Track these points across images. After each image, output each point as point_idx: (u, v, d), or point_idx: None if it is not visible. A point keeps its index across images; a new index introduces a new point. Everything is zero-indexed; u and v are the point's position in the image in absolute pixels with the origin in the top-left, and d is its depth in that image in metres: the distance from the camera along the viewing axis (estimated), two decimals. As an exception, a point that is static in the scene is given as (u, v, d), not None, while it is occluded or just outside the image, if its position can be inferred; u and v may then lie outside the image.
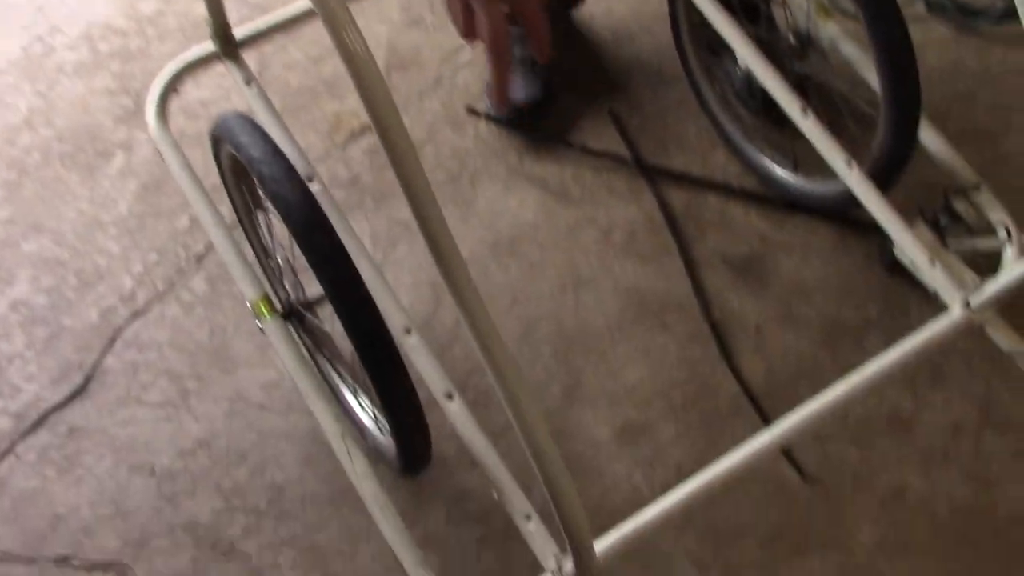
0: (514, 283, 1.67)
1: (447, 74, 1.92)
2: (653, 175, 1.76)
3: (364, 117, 1.84)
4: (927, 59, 1.78)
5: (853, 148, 1.44)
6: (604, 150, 1.79)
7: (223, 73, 1.48)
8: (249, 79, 1.46)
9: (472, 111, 1.85)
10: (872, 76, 1.43)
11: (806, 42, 1.56)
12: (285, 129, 1.42)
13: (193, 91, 1.89)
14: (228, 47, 1.45)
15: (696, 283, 1.65)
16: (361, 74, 0.77)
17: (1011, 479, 1.45)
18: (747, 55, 1.49)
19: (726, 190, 1.74)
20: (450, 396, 1.29)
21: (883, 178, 1.49)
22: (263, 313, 1.30)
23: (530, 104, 1.80)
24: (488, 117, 1.84)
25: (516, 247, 1.71)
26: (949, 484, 1.45)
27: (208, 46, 1.44)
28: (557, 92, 1.84)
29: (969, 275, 1.39)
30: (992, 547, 1.42)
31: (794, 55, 1.57)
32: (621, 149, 1.79)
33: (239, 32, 1.46)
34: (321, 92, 1.92)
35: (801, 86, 1.56)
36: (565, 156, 1.80)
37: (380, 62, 1.89)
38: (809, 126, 1.45)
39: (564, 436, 1.52)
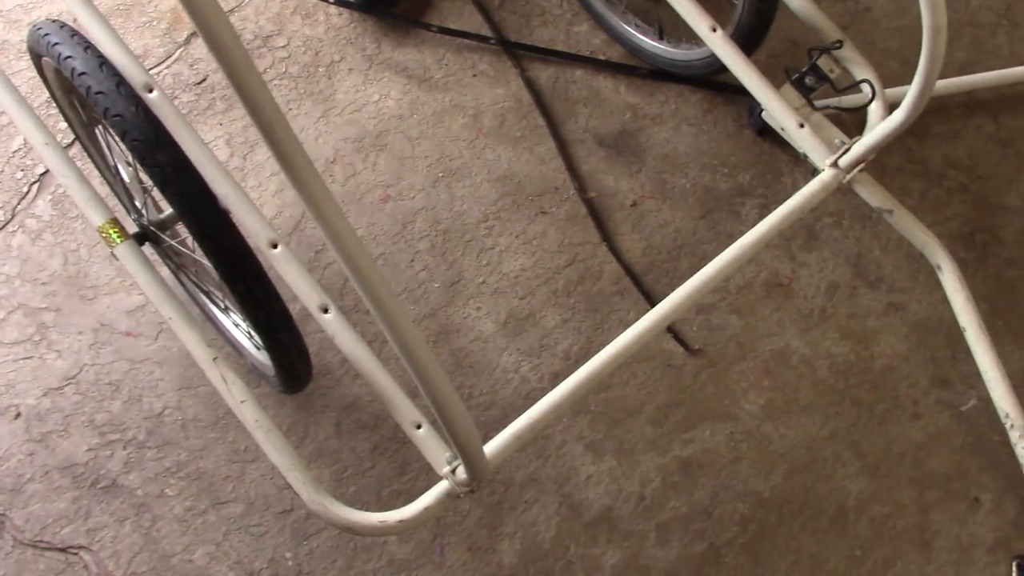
0: (383, 179, 1.60)
1: (291, -42, 1.80)
2: (517, 53, 1.70)
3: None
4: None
5: (718, 12, 1.40)
6: (464, 30, 1.71)
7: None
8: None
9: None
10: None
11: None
12: (113, 33, 1.30)
13: (10, -5, 1.73)
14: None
15: (569, 164, 1.61)
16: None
17: (885, 331, 1.48)
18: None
19: (593, 63, 1.69)
20: (325, 309, 1.23)
21: (748, 40, 1.46)
22: (113, 238, 1.21)
23: (382, -14, 1.70)
24: (338, 2, 1.73)
25: (382, 140, 1.64)
26: (828, 343, 1.47)
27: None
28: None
29: (837, 135, 1.38)
30: (871, 399, 1.46)
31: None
32: (482, 27, 1.72)
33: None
34: None
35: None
36: (425, 39, 1.71)
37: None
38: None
39: (449, 333, 1.49)
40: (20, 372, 1.47)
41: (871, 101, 1.38)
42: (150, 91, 1.24)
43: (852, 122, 1.38)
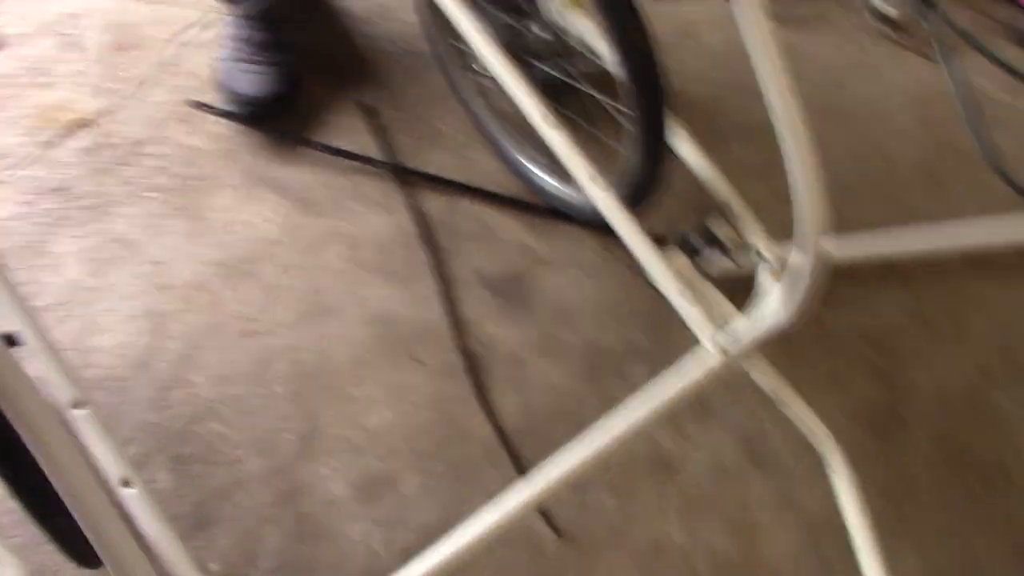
0: (248, 310, 1.47)
1: (173, 57, 1.68)
2: (406, 178, 1.58)
3: (79, 110, 1.59)
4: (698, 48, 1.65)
5: (609, 159, 1.29)
6: (350, 150, 1.59)
7: None
8: None
9: (199, 105, 1.61)
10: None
11: (558, 37, 1.38)
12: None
13: None
14: None
15: (451, 307, 1.48)
16: None
17: (775, 526, 1.36)
18: (484, 52, 1.31)
19: (486, 196, 1.57)
20: (127, 483, 1.09)
21: (635, 194, 1.35)
22: None
23: (264, 99, 1.58)
24: (218, 112, 1.60)
25: (252, 267, 1.50)
26: (711, 535, 1.34)
27: None
28: (301, 82, 1.62)
29: (725, 308, 1.27)
30: (753, 600, 1.33)
31: (547, 52, 1.40)
32: (371, 148, 1.60)
33: None
34: (23, 81, 1.64)
35: (554, 86, 1.39)
36: (308, 157, 1.59)
37: (99, 40, 1.63)
38: (551, 133, 1.29)
39: (297, 494, 1.35)
40: None
41: (761, 269, 1.27)
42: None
43: (749, 287, 1.26)
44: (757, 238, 1.30)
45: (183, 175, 1.57)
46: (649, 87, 1.21)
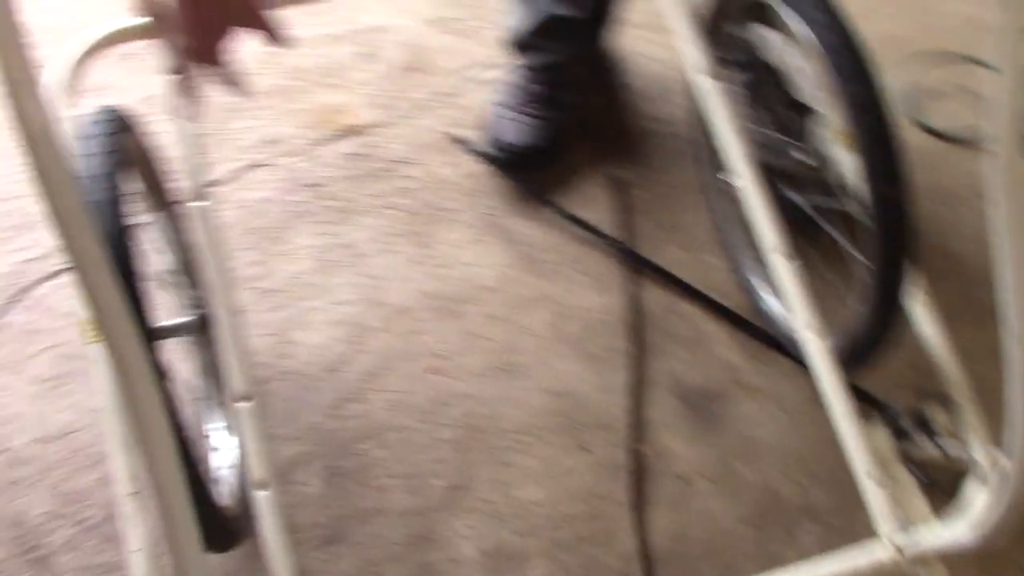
0: (441, 348, 1.48)
1: (453, 88, 1.73)
2: (633, 263, 1.54)
3: (354, 117, 1.67)
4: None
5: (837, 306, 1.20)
6: (588, 221, 1.57)
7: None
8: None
9: (458, 140, 1.65)
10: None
11: (816, 167, 1.30)
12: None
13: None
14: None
15: (636, 406, 1.43)
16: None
17: None
18: (735, 160, 1.25)
19: (708, 303, 1.50)
20: (264, 486, 1.12)
21: (854, 351, 1.24)
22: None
23: (523, 149, 1.59)
24: (475, 152, 1.63)
25: (459, 307, 1.52)
26: None
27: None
28: (563, 143, 1.62)
29: (916, 502, 1.14)
30: None
31: (801, 179, 1.33)
32: (608, 224, 1.57)
33: None
34: (322, 79, 1.75)
35: (797, 216, 1.32)
36: (545, 216, 1.59)
37: (393, 58, 1.71)
38: (780, 263, 1.22)
39: (427, 541, 1.34)
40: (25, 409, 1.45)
41: (976, 480, 1.13)
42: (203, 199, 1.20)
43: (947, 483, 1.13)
44: (974, 435, 1.16)
45: (426, 201, 1.61)
46: (893, 239, 1.11)
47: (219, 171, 1.64)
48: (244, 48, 1.04)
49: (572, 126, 1.65)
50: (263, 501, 1.11)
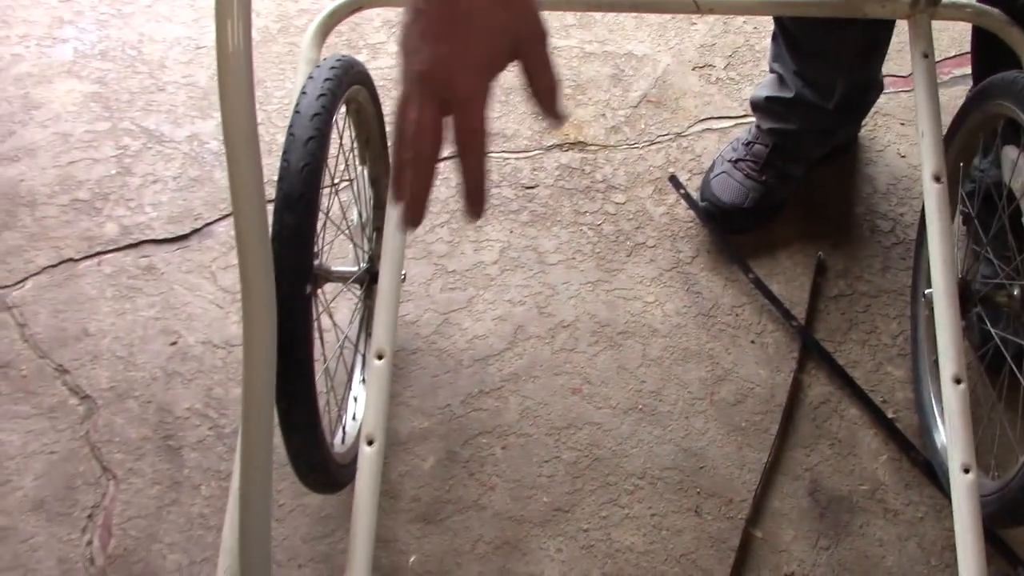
0: (590, 373, 1.48)
1: (691, 133, 1.72)
2: (809, 350, 1.48)
3: (584, 135, 1.70)
4: None
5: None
6: (776, 295, 1.52)
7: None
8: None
9: (675, 182, 1.64)
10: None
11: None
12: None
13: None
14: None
15: (762, 490, 1.37)
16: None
17: None
18: (936, 273, 1.18)
19: (875, 412, 1.42)
20: (370, 441, 1.15)
21: (1012, 508, 1.14)
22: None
23: (730, 207, 1.57)
24: (686, 197, 1.62)
25: (621, 340, 1.51)
26: None
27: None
28: (776, 214, 1.58)
29: None
30: None
31: (1006, 314, 1.23)
32: (798, 306, 1.52)
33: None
34: (567, 91, 1.79)
35: (995, 351, 1.22)
36: (736, 279, 1.55)
37: (641, 88, 1.73)
38: (952, 391, 1.13)
39: (515, 551, 1.34)
40: (208, 312, 1.57)
41: None
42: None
43: None
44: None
45: (623, 231, 1.61)
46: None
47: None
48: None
49: (789, 199, 1.60)
50: (366, 455, 1.14)
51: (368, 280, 1.31)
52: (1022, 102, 1.13)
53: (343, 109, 1.21)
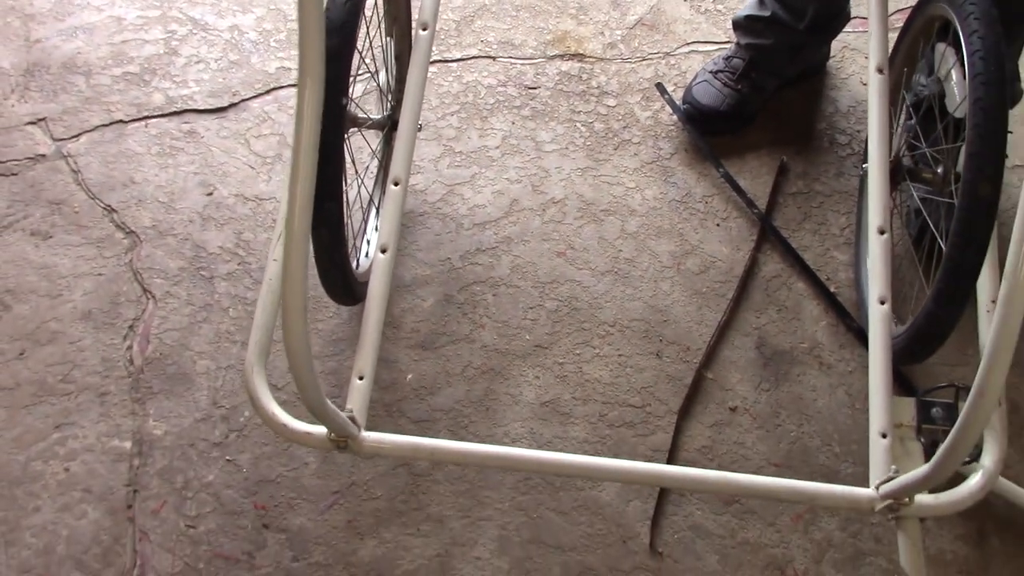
0: (575, 241, 1.69)
1: (679, 53, 1.93)
2: (768, 235, 1.69)
3: (584, 48, 1.91)
4: None
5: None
6: (743, 188, 1.73)
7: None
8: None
9: (660, 88, 1.85)
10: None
11: (947, 175, 1.42)
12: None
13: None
14: None
15: (716, 341, 1.58)
16: None
17: None
18: (872, 146, 1.39)
19: (818, 286, 1.63)
20: (384, 249, 1.35)
21: (917, 343, 1.35)
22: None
23: (708, 110, 1.78)
24: (670, 102, 1.83)
25: (603, 216, 1.72)
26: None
27: None
28: (749, 118, 1.79)
29: (912, 466, 1.23)
30: None
31: (931, 182, 1.44)
32: (761, 198, 1.73)
33: None
34: (572, 11, 2.00)
35: (920, 221, 1.44)
36: (709, 174, 1.76)
37: (639, 12, 1.94)
38: (875, 240, 1.34)
39: (498, 375, 1.55)
40: (247, 172, 1.77)
41: (975, 467, 1.22)
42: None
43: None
44: (992, 454, 1.24)
45: (612, 129, 1.82)
46: (969, 239, 1.22)
47: (455, 53, 1.92)
48: None
49: (760, 108, 1.81)
50: (380, 261, 1.34)
51: (389, 127, 1.52)
52: (953, 3, 1.34)
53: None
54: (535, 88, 1.89)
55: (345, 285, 1.37)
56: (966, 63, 1.25)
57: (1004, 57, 1.24)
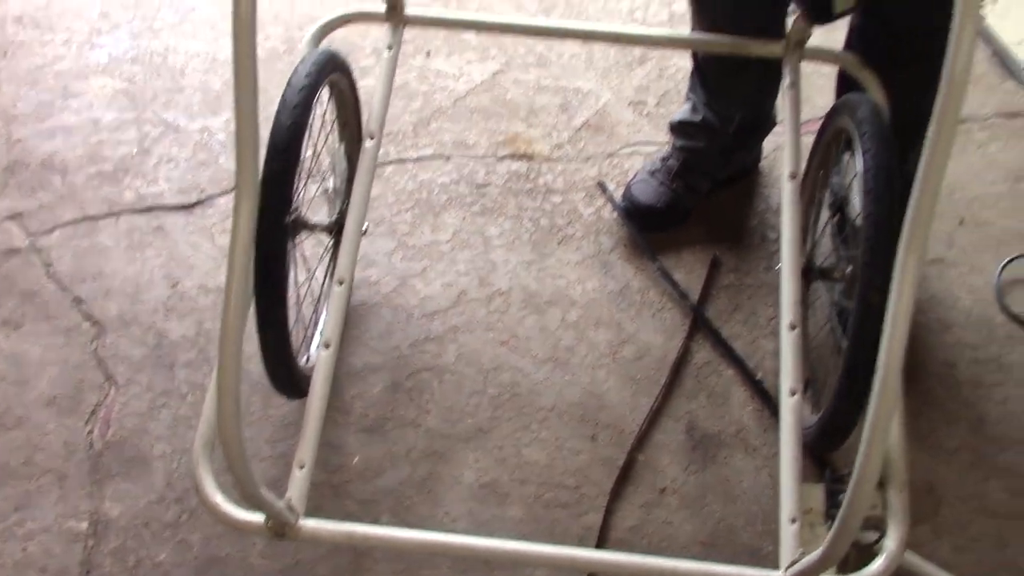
0: (517, 331, 1.79)
1: (620, 154, 2.06)
2: (698, 325, 1.79)
3: (533, 150, 2.04)
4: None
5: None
6: (676, 281, 1.84)
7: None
8: (392, 46, 1.70)
9: (601, 187, 1.97)
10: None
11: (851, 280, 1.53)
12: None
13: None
14: (393, 13, 1.70)
15: (648, 425, 1.67)
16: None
17: None
18: (784, 251, 1.50)
19: (745, 374, 1.73)
20: (327, 345, 1.45)
21: (827, 433, 1.45)
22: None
23: (645, 208, 1.90)
24: (610, 200, 1.95)
25: (545, 306, 1.82)
26: None
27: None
28: (683, 217, 1.91)
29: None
30: None
31: (840, 279, 1.55)
32: (694, 291, 1.83)
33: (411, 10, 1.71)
34: (522, 115, 2.13)
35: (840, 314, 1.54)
36: (645, 268, 1.87)
37: (584, 116, 2.07)
38: (786, 335, 1.45)
39: (440, 458, 1.64)
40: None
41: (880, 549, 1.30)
42: (371, 138, 1.57)
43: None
44: (893, 519, 1.32)
45: (557, 225, 1.94)
46: (863, 342, 1.31)
47: (411, 153, 2.05)
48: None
49: (694, 206, 1.93)
50: (323, 357, 1.44)
51: (336, 230, 1.63)
52: (853, 118, 1.47)
53: (327, 92, 1.54)
54: (486, 186, 2.01)
55: (292, 381, 1.47)
56: (860, 178, 1.36)
57: (895, 174, 1.35)
